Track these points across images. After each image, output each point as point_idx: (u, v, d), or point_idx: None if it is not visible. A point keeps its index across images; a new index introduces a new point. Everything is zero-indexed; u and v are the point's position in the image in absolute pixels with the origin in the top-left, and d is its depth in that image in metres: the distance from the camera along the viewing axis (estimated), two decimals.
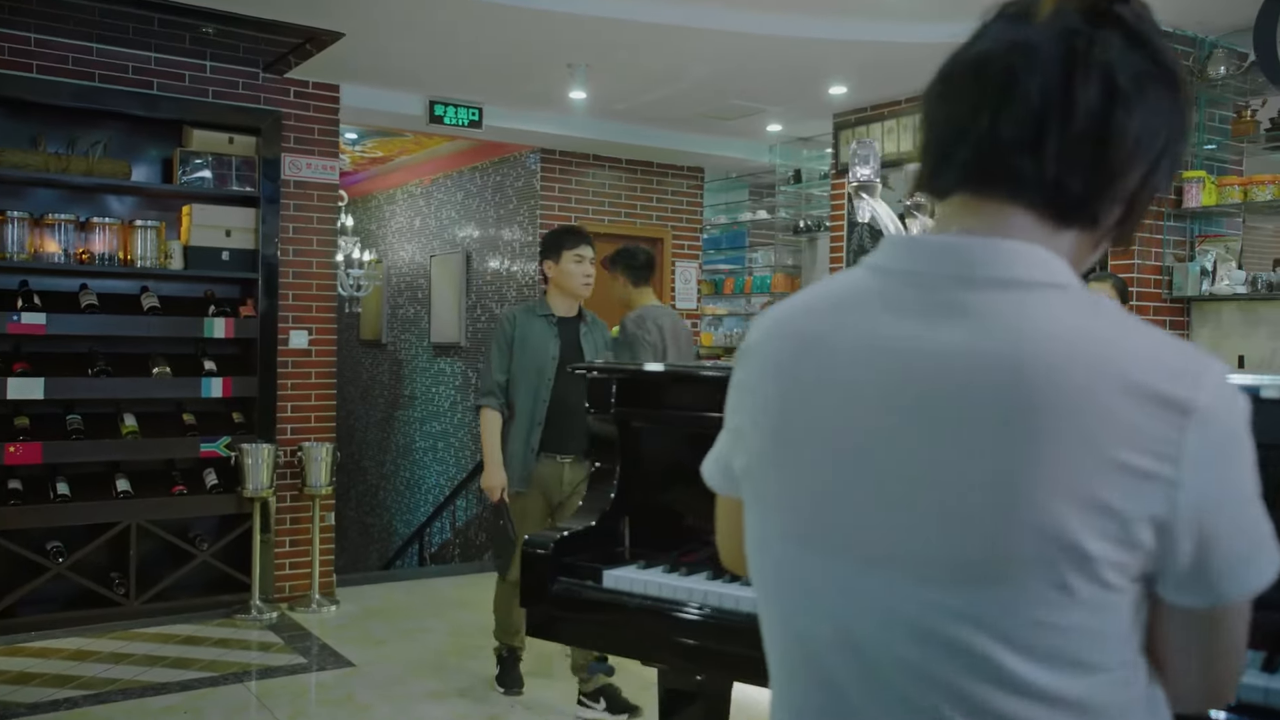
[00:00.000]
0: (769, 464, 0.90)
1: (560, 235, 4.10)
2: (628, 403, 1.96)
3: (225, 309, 5.67)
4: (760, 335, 0.95)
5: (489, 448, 3.98)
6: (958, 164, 0.88)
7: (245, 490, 5.46)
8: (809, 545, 0.87)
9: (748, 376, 0.94)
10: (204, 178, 5.60)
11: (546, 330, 3.96)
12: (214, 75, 5.61)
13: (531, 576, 1.84)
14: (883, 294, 0.87)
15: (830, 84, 5.88)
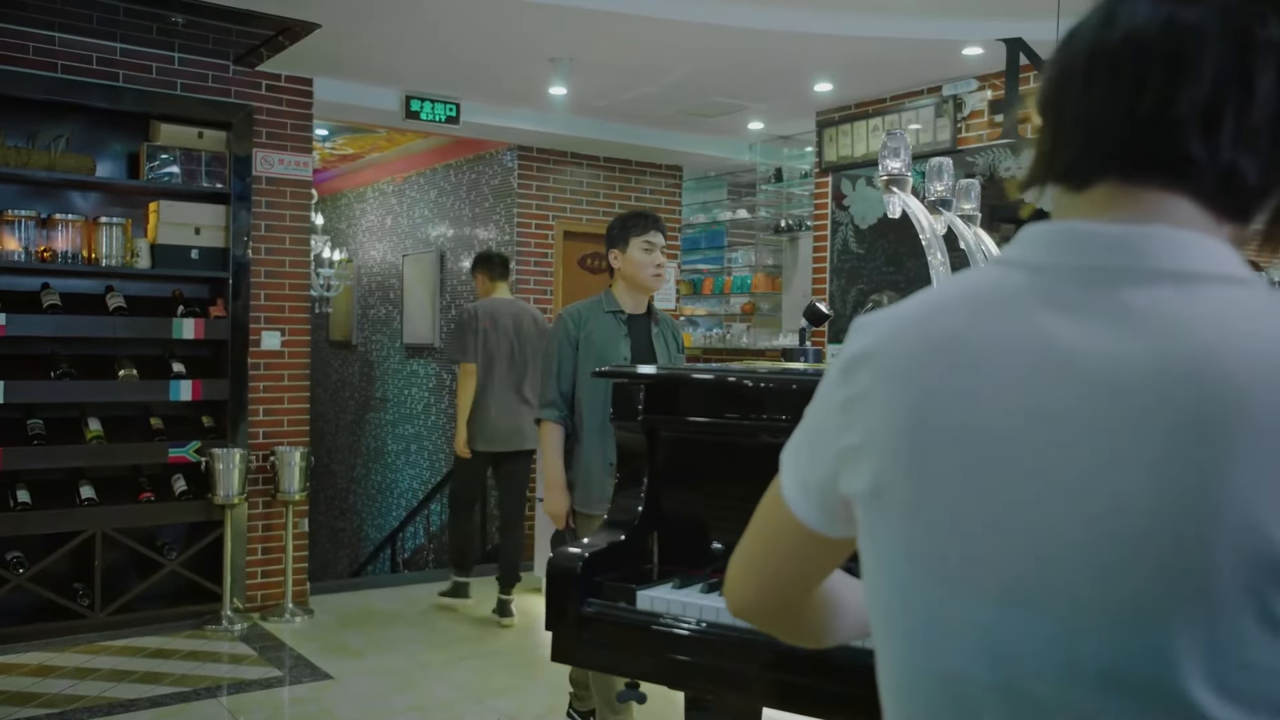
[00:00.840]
0: (901, 485, 0.79)
1: (627, 221, 3.53)
2: (657, 410, 1.83)
3: (194, 309, 5.48)
4: (878, 339, 0.84)
5: (550, 467, 3.39)
6: (1107, 150, 0.78)
7: (216, 497, 5.28)
8: (959, 580, 0.76)
9: (866, 386, 0.83)
10: (172, 173, 5.41)
11: (616, 329, 3.42)
12: (182, 67, 5.43)
13: (558, 598, 1.71)
14: (1038, 291, 0.77)
15: (815, 80, 5.79)
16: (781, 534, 0.94)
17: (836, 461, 0.86)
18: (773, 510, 0.95)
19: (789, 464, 0.93)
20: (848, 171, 6.19)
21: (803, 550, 0.93)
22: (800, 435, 0.93)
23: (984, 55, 5.11)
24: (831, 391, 0.87)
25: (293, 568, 5.60)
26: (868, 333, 0.85)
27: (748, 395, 1.82)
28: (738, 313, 7.65)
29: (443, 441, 7.99)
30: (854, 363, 0.85)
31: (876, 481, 0.81)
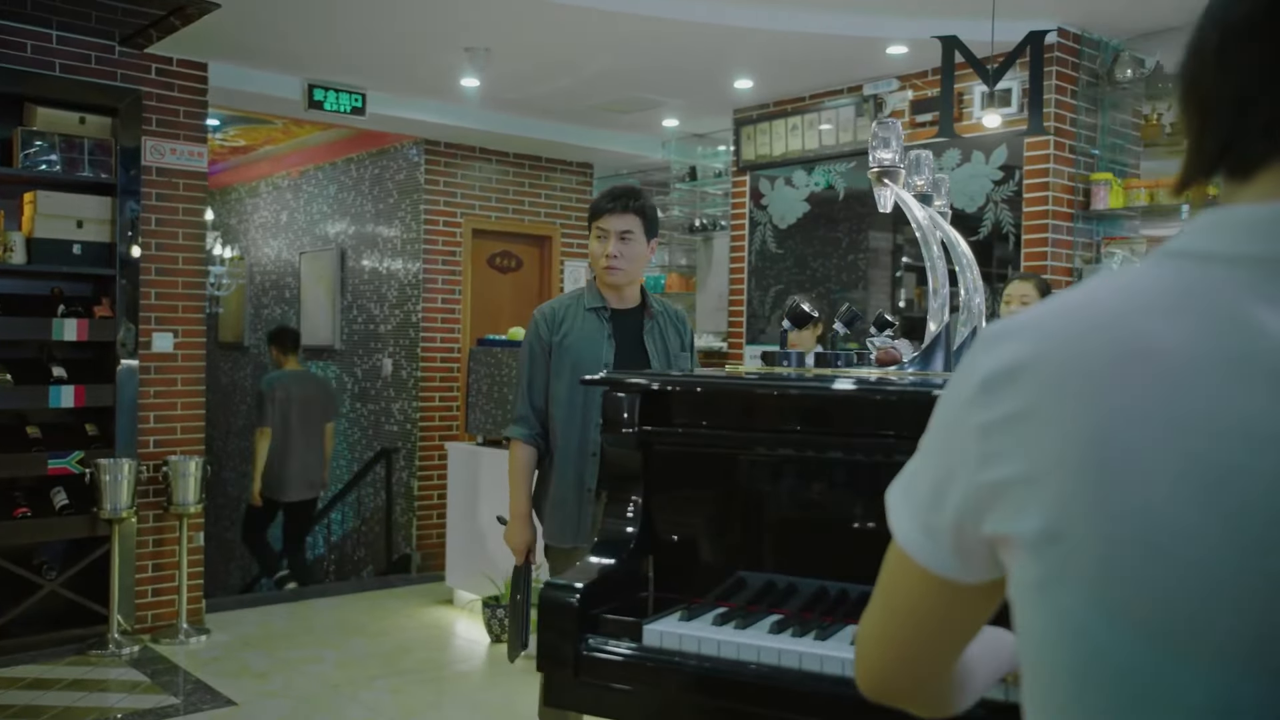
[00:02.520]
0: (1089, 527, 0.64)
1: (593, 203, 3.09)
2: (653, 421, 1.66)
3: (77, 309, 5.07)
4: (1039, 348, 0.69)
5: (514, 495, 2.96)
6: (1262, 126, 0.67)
7: (102, 511, 4.89)
8: (1183, 642, 0.61)
9: (1025, 405, 0.68)
10: (50, 162, 4.99)
11: (597, 328, 2.92)
12: (62, 46, 5.02)
13: (554, 635, 1.51)
14: (1248, 287, 0.63)
15: (735, 77, 5.70)
16: (913, 592, 0.78)
17: (978, 498, 0.71)
18: (896, 566, 0.79)
19: (902, 507, 0.78)
20: (766, 171, 6.11)
21: (942, 605, 0.78)
22: (918, 470, 0.77)
23: (908, 54, 5.08)
24: (965, 413, 0.72)
25: (187, 585, 5.24)
26: (1017, 341, 0.70)
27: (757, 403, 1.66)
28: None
29: (344, 448, 7.65)
30: (1002, 377, 0.70)
31: (1050, 522, 0.66)
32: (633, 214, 2.91)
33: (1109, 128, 5.00)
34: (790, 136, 5.96)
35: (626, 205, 2.92)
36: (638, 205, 2.93)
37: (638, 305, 3.02)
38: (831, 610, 1.57)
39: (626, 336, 2.95)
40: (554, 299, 3.12)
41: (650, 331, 2.98)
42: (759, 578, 1.63)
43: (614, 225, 2.90)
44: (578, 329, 2.93)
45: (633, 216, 2.91)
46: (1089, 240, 5.00)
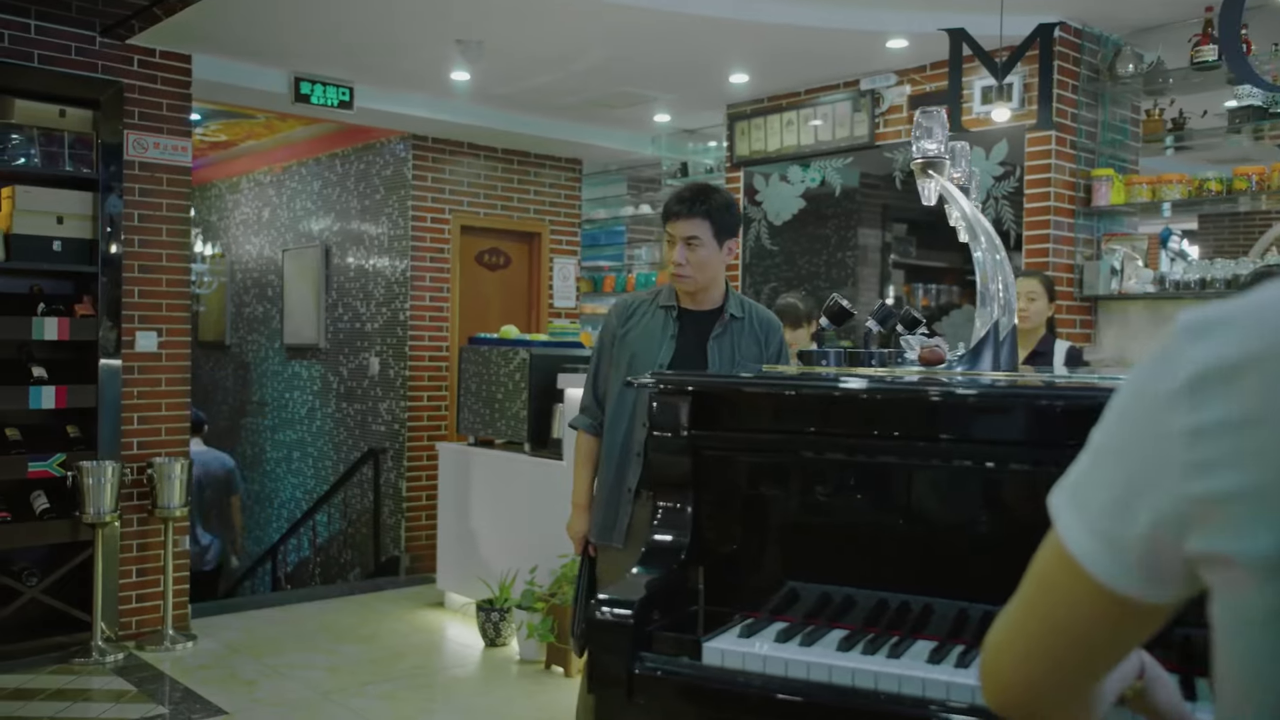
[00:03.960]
0: None
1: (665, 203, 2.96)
2: (706, 424, 1.57)
3: (57, 307, 4.93)
4: (1263, 344, 0.61)
5: (576, 483, 2.99)
6: None
7: (85, 515, 4.75)
8: None
9: (1249, 409, 0.60)
10: (29, 156, 4.85)
11: (661, 327, 2.82)
12: (41, 36, 4.87)
13: (606, 653, 1.41)
14: None
15: (730, 71, 5.62)
16: (1078, 606, 0.70)
17: (1183, 512, 0.63)
18: (1058, 577, 0.71)
19: (1071, 514, 0.70)
20: (760, 166, 6.04)
21: (1110, 622, 0.70)
22: (1092, 474, 0.69)
23: (908, 48, 5.02)
24: (1165, 415, 0.64)
25: (173, 590, 5.11)
26: (1231, 334, 0.62)
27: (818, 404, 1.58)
28: None
29: (329, 448, 7.52)
30: (1216, 376, 0.62)
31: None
32: (699, 218, 2.75)
33: (1109, 123, 4.96)
34: (785, 132, 5.89)
35: (693, 209, 2.76)
36: (704, 208, 2.76)
37: (716, 308, 2.86)
38: (895, 624, 1.49)
39: (692, 339, 2.81)
40: (638, 291, 3.11)
41: (720, 336, 2.81)
42: (812, 589, 1.55)
43: (680, 231, 2.77)
44: (643, 325, 2.85)
45: (699, 221, 2.75)
46: (1090, 237, 4.96)
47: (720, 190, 2.89)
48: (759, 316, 2.90)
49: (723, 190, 2.88)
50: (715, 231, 2.77)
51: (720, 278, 2.88)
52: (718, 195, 2.83)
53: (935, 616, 1.46)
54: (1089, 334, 4.96)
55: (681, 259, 2.76)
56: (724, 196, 2.85)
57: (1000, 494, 1.47)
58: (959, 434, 1.50)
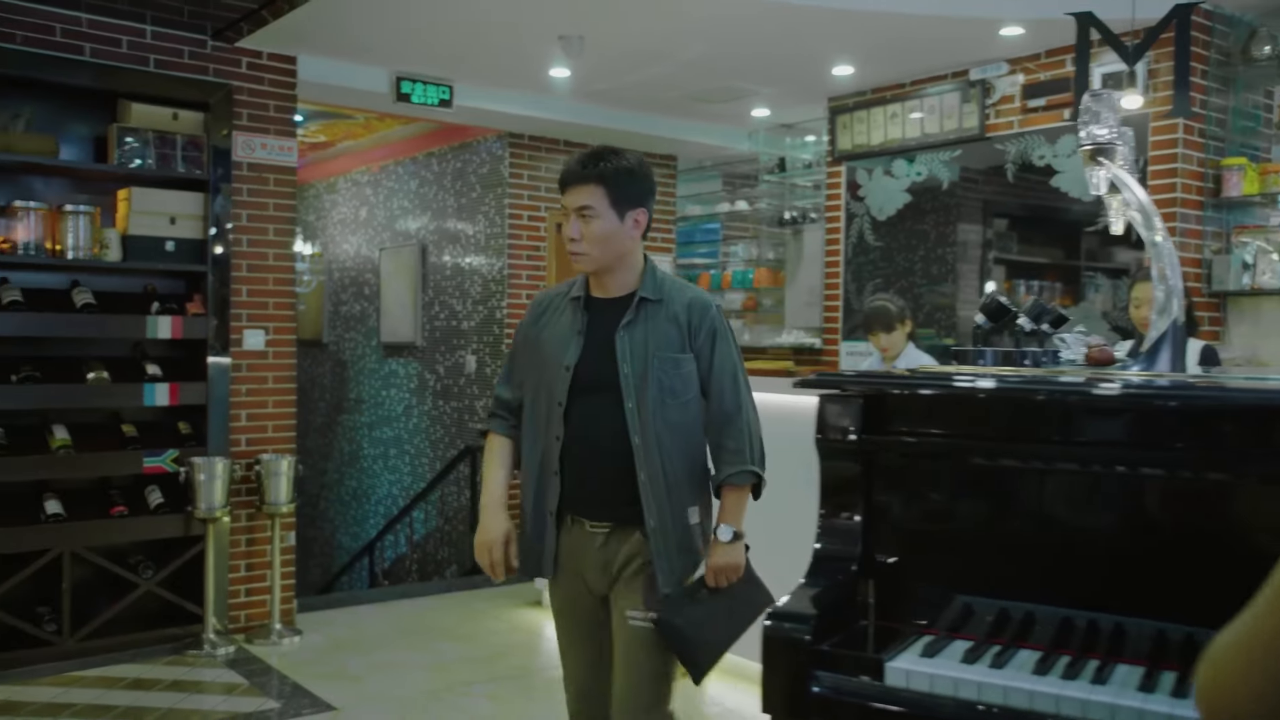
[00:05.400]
0: None
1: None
2: (877, 429, 1.49)
3: (170, 306, 5.02)
4: None
5: (485, 482, 2.59)
6: None
7: (197, 510, 4.84)
8: None
9: None
10: (144, 158, 4.95)
11: (570, 323, 2.45)
12: (156, 41, 4.97)
13: (780, 674, 1.34)
14: None
15: (833, 63, 5.49)
16: None
17: None
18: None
19: None
20: (863, 161, 5.90)
21: None
22: None
23: (1024, 36, 4.84)
24: None
25: (280, 585, 5.18)
26: None
27: (1014, 408, 1.48)
28: (735, 308, 7.34)
29: (425, 445, 7.58)
30: None
31: None
32: (591, 183, 2.32)
33: (1240, 109, 4.71)
34: (890, 125, 5.74)
35: (583, 174, 2.34)
36: (597, 171, 2.32)
37: (628, 294, 2.42)
38: (1087, 646, 1.38)
39: (601, 333, 2.41)
40: (557, 285, 2.64)
41: (630, 325, 2.38)
42: (987, 605, 1.45)
43: (571, 200, 2.37)
44: (554, 323, 2.49)
45: (592, 187, 2.32)
46: (1219, 230, 4.72)
47: (624, 153, 2.42)
48: (681, 297, 2.42)
49: (628, 153, 2.42)
50: (613, 199, 2.34)
51: (631, 257, 2.42)
52: (616, 157, 2.38)
53: (1130, 639, 1.35)
54: (1218, 331, 4.72)
55: (575, 233, 2.35)
56: (626, 159, 2.39)
57: (1203, 506, 1.35)
58: (1154, 441, 1.39)
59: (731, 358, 2.43)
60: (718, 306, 2.47)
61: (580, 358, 2.42)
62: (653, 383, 2.37)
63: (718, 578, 2.37)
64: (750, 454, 2.40)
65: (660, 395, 2.37)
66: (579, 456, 2.43)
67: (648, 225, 2.46)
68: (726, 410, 2.40)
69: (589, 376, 2.41)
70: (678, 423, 2.39)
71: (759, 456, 2.43)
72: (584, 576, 2.46)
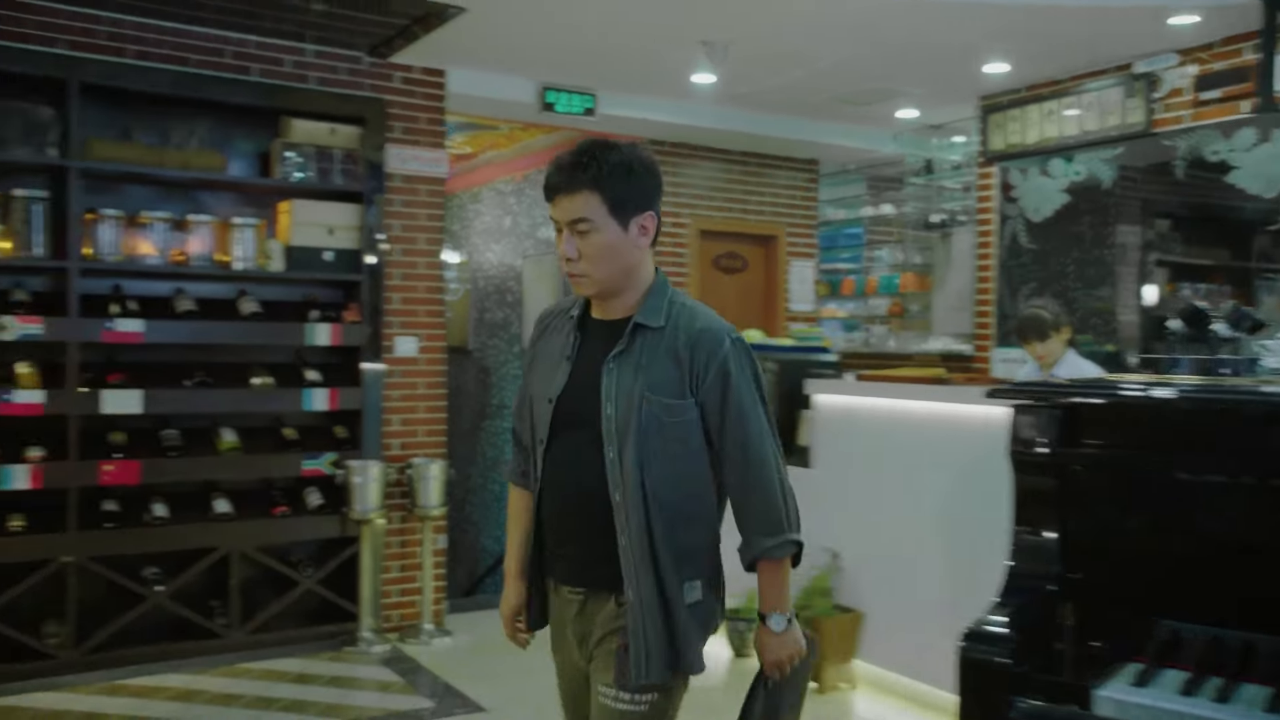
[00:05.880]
0: None
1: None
2: (1077, 442, 1.40)
3: (329, 314, 5.21)
4: None
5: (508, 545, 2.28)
6: None
7: (352, 512, 5.00)
8: None
9: None
10: (304, 171, 5.15)
11: (561, 346, 2.12)
12: (316, 60, 5.17)
13: (978, 699, 1.28)
14: None
15: (986, 60, 5.30)
16: None
17: None
18: None
19: None
20: (1017, 161, 5.68)
21: None
22: None
23: (1198, 24, 4.57)
24: None
25: (431, 586, 5.30)
26: None
27: (1240, 419, 1.38)
28: (880, 314, 7.18)
29: None
30: None
31: None
32: (585, 190, 1.95)
33: None
34: (1046, 123, 5.52)
35: (573, 180, 1.95)
36: (589, 175, 1.94)
37: (627, 317, 2.05)
38: None
39: (590, 362, 2.05)
40: (566, 298, 2.23)
41: (620, 355, 2.01)
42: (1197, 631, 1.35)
43: (563, 213, 1.98)
44: (549, 344, 2.15)
45: (586, 195, 1.95)
46: None
47: (620, 146, 2.00)
48: (688, 327, 2.01)
49: (624, 146, 2.00)
50: (612, 206, 1.96)
51: (639, 271, 2.03)
52: (611, 153, 1.97)
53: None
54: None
55: (570, 251, 1.99)
56: (623, 154, 1.98)
57: None
58: None
59: (750, 404, 1.99)
60: (736, 340, 2.02)
61: (564, 389, 2.05)
62: (639, 430, 1.95)
63: (780, 670, 2.04)
64: (787, 519, 2.01)
65: (648, 445, 1.95)
66: (556, 507, 2.07)
67: (657, 230, 2.04)
68: (748, 467, 1.98)
69: (571, 412, 2.03)
70: (673, 478, 1.99)
71: (795, 519, 2.03)
72: (567, 642, 2.14)
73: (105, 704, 4.20)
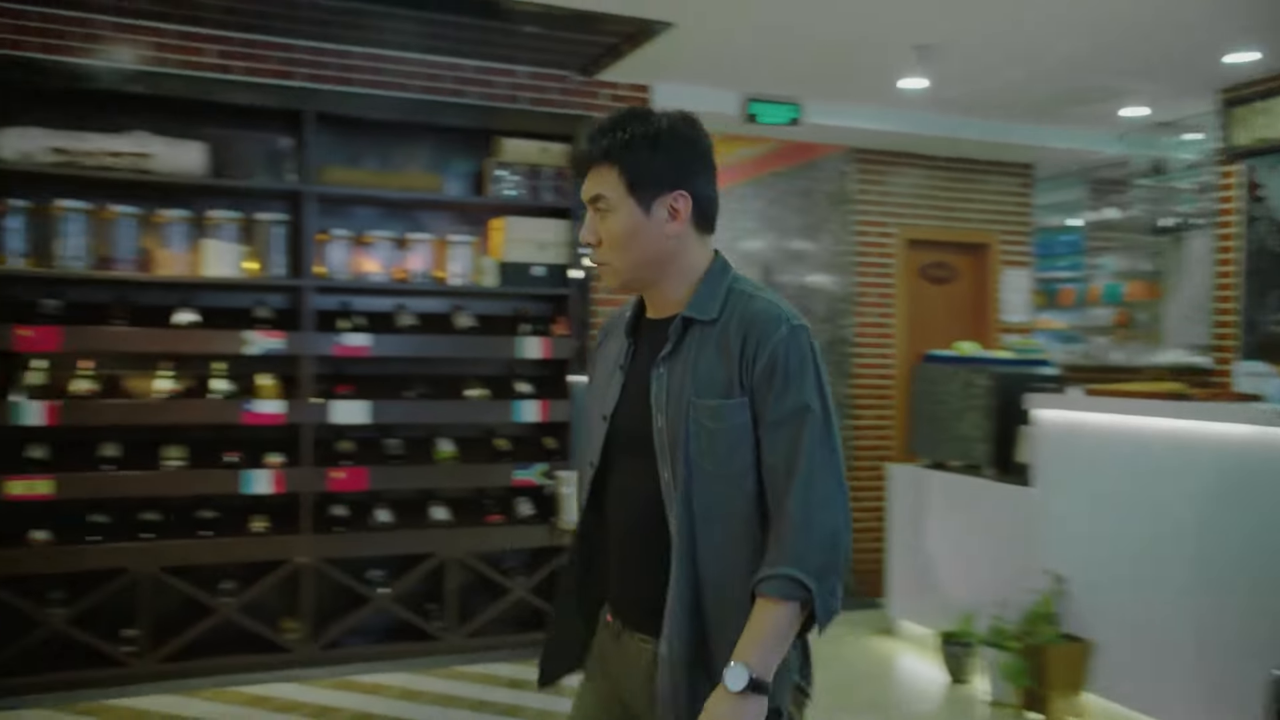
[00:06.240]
0: None
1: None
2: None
3: (539, 327, 5.34)
4: None
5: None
6: None
7: (560, 522, 5.09)
8: None
9: None
10: (516, 189, 5.30)
11: (617, 355, 1.85)
12: (527, 80, 5.32)
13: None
14: None
15: (1229, 49, 4.89)
16: None
17: None
18: None
19: None
20: (1266, 157, 5.22)
21: None
22: None
23: None
24: None
25: None
26: None
27: None
28: (1103, 325, 6.76)
29: None
30: None
31: None
32: (602, 163, 1.71)
33: None
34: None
35: (591, 151, 1.72)
36: (604, 146, 1.70)
37: (671, 316, 1.76)
38: None
39: (643, 369, 1.77)
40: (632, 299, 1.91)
41: (669, 358, 1.72)
42: None
43: (584, 191, 1.77)
44: (609, 353, 1.88)
45: (603, 169, 1.71)
46: None
47: (651, 116, 1.73)
48: (743, 313, 1.69)
49: (659, 115, 1.74)
50: (630, 183, 1.70)
51: (680, 261, 1.74)
52: (638, 123, 1.71)
53: None
54: None
55: (589, 235, 1.76)
56: (651, 125, 1.72)
57: None
58: None
59: (803, 403, 1.63)
60: (797, 326, 1.66)
61: (618, 403, 1.78)
62: (686, 442, 1.66)
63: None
64: (802, 552, 1.58)
65: (699, 460, 1.66)
66: (613, 539, 1.80)
67: (704, 213, 1.74)
68: (791, 480, 1.62)
69: (626, 430, 1.76)
70: (724, 502, 1.66)
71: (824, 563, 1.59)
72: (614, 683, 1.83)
73: (338, 698, 4.42)
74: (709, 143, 1.76)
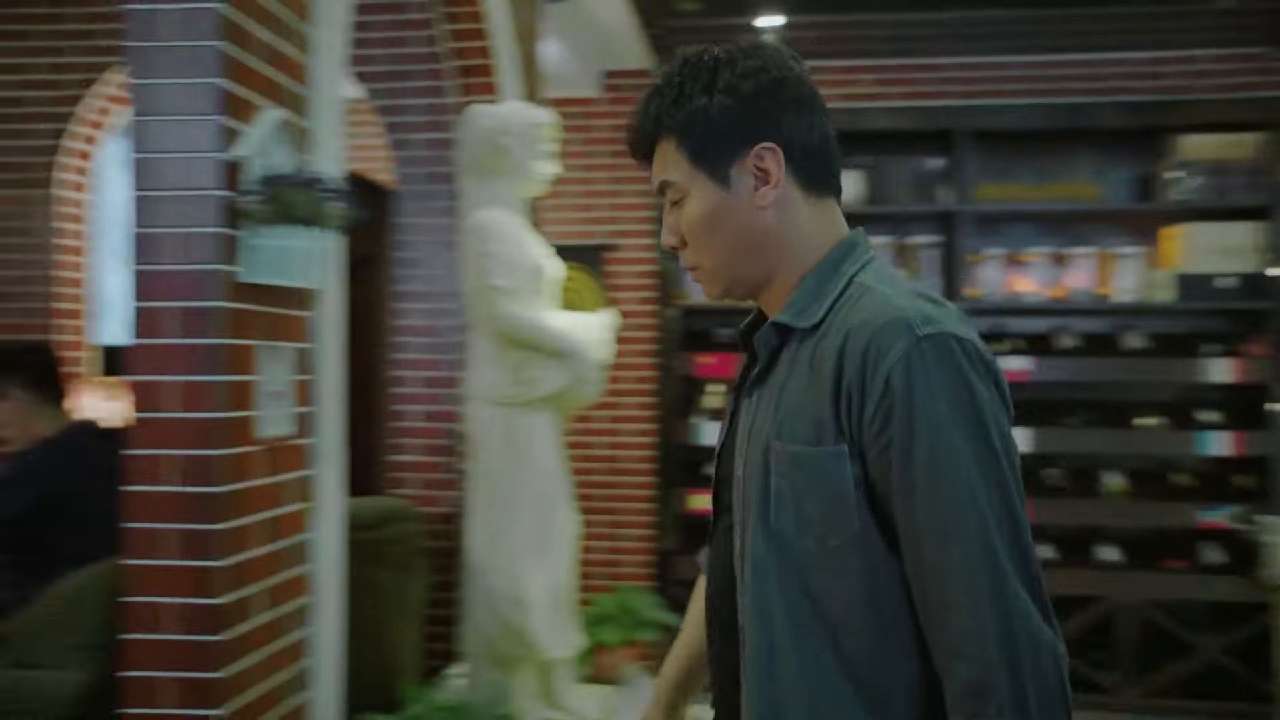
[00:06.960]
0: None
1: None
2: None
3: (1227, 347, 4.63)
4: None
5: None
6: None
7: (1263, 575, 4.33)
8: None
9: None
10: (1195, 191, 4.66)
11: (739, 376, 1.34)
12: (1208, 65, 4.67)
13: None
14: None
15: None
16: None
17: None
18: None
19: None
20: None
21: None
22: None
23: None
24: None
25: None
26: None
27: None
28: None
29: None
30: None
31: None
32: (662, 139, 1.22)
33: None
34: None
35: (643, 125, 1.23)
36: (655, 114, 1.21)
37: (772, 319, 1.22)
38: None
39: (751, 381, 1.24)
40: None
41: (760, 384, 1.19)
42: None
43: (652, 183, 1.26)
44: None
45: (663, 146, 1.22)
46: None
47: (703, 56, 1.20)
48: (845, 320, 1.10)
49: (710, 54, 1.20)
50: (694, 151, 1.19)
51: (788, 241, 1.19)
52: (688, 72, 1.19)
53: None
54: None
55: (670, 237, 1.25)
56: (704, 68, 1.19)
57: None
58: None
59: (951, 458, 1.03)
60: (929, 337, 1.05)
61: (724, 440, 1.30)
62: (761, 502, 1.14)
63: None
64: (1004, 690, 1.00)
65: (777, 531, 1.12)
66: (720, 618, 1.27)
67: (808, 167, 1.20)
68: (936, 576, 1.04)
69: (720, 477, 1.29)
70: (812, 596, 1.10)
71: (1037, 698, 1.01)
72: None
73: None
74: (794, 71, 1.21)
